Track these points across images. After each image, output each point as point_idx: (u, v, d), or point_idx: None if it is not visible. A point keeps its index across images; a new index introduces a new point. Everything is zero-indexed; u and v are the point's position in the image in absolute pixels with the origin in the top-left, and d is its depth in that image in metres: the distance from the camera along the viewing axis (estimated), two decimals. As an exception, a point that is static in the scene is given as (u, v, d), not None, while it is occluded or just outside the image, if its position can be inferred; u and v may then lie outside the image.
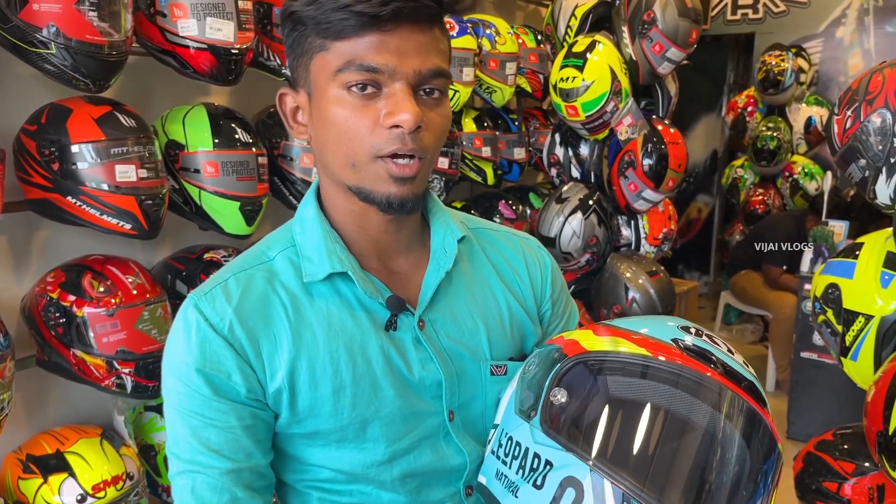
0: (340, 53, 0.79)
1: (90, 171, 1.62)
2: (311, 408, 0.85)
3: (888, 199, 1.68)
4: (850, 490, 1.80)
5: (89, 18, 1.52)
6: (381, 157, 0.80)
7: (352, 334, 0.86)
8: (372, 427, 0.87)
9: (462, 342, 0.92)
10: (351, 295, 0.88)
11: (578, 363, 0.79)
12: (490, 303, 0.95)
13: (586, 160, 2.99)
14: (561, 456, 0.75)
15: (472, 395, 0.92)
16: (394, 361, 0.87)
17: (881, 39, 4.97)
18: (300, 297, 0.87)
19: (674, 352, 0.77)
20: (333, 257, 0.86)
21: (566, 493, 0.73)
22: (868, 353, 1.72)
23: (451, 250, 0.92)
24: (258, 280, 0.87)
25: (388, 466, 0.89)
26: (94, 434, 1.77)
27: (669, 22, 2.65)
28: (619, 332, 0.82)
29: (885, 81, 1.66)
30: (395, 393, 0.87)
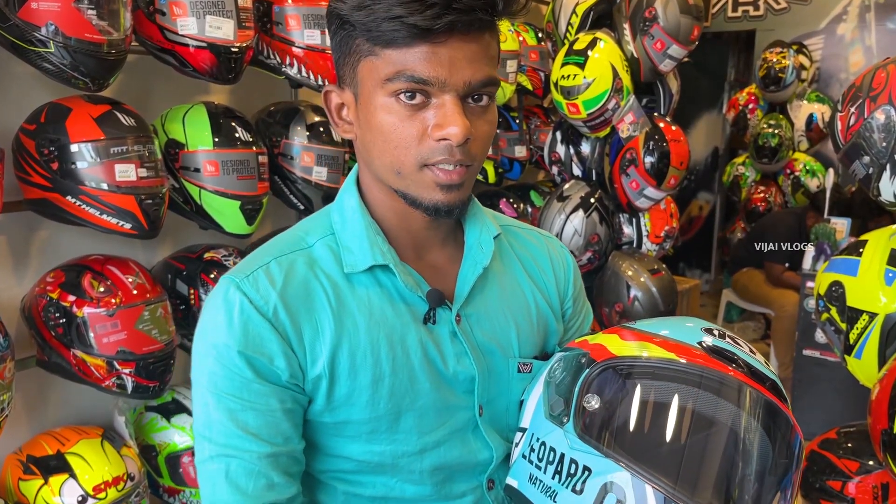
0: (390, 62, 0.78)
1: (90, 171, 1.61)
2: (348, 396, 0.85)
3: (892, 196, 1.67)
4: (854, 488, 1.79)
5: (88, 17, 1.51)
6: (427, 166, 0.81)
7: (392, 325, 0.87)
8: (406, 418, 0.88)
9: (494, 338, 0.93)
10: (391, 286, 0.88)
11: (607, 368, 0.80)
12: (520, 299, 0.97)
13: (588, 158, 2.98)
14: (599, 462, 0.76)
15: (499, 391, 0.94)
16: (431, 354, 0.88)
17: (882, 36, 4.95)
18: (341, 285, 0.87)
19: (697, 354, 0.79)
20: (375, 249, 0.87)
21: (607, 499, 0.74)
22: (872, 350, 1.71)
23: (487, 247, 0.93)
24: (300, 265, 0.86)
25: (419, 458, 0.89)
26: (95, 435, 1.77)
27: (671, 19, 2.63)
28: (644, 336, 0.83)
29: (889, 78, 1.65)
30: (431, 385, 0.88)
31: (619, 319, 2.84)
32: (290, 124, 2.10)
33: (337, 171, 2.13)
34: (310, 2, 2.01)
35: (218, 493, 0.81)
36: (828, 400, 3.46)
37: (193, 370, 0.85)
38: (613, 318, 2.86)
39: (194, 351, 0.85)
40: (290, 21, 1.99)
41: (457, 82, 0.78)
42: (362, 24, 0.78)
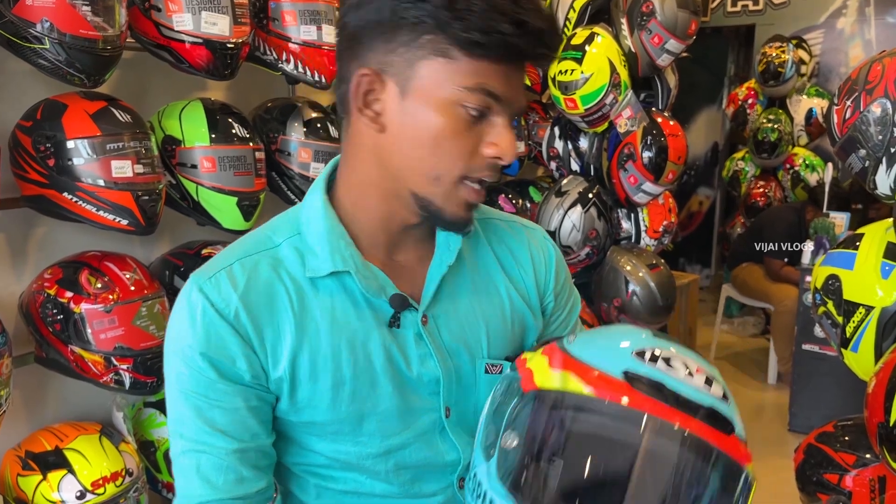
0: (472, 72, 0.77)
1: (86, 167, 1.61)
2: (309, 399, 0.85)
3: (888, 189, 1.66)
4: (851, 482, 1.79)
5: (83, 13, 1.51)
6: (467, 179, 0.81)
7: (355, 330, 0.86)
8: (368, 422, 0.87)
9: (462, 338, 0.91)
10: (356, 290, 0.86)
11: (531, 401, 0.74)
12: (493, 297, 0.95)
13: (586, 153, 2.98)
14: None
15: (466, 392, 0.92)
16: (394, 358, 0.87)
17: (882, 30, 4.94)
18: (305, 288, 0.85)
19: (619, 385, 0.70)
20: (336, 255, 0.85)
21: None
22: (869, 344, 1.71)
23: (454, 244, 0.91)
24: (263, 267, 0.85)
25: (383, 459, 0.89)
26: (93, 430, 1.77)
27: (668, 13, 2.63)
28: (571, 363, 0.74)
29: (885, 71, 1.65)
30: (394, 390, 0.87)
31: (618, 315, 2.85)
32: (287, 120, 2.10)
33: (334, 166, 2.13)
34: (306, -3, 2.01)
35: (190, 486, 0.83)
36: (828, 394, 3.46)
37: (165, 369, 0.86)
38: (612, 314, 2.87)
39: (165, 350, 0.86)
40: (287, 17, 1.99)
41: (518, 106, 0.82)
42: (449, 25, 0.75)
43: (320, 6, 2.02)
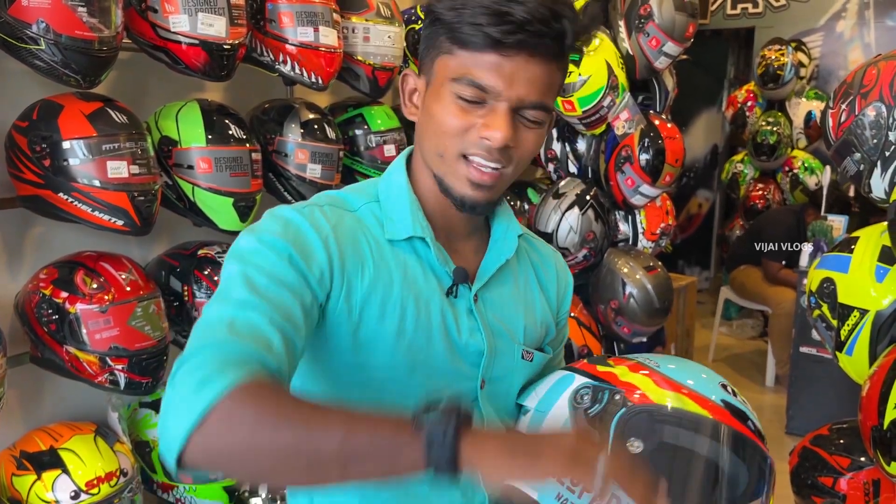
0: (461, 63, 0.87)
1: (82, 168, 1.62)
2: (371, 339, 0.92)
3: (883, 192, 1.67)
4: (845, 485, 1.79)
5: (79, 14, 1.51)
6: (465, 157, 0.90)
7: (421, 289, 0.95)
8: (417, 374, 0.95)
9: (504, 323, 1.01)
10: (424, 257, 0.97)
11: (644, 412, 0.90)
12: (530, 298, 1.07)
13: (583, 155, 2.98)
14: None
15: (504, 372, 1.02)
16: (448, 323, 0.96)
17: (882, 33, 4.95)
18: (383, 244, 0.95)
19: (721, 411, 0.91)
20: (416, 223, 0.96)
21: None
22: (863, 347, 1.71)
23: (511, 242, 1.03)
24: (348, 218, 0.94)
25: None
26: (88, 430, 1.77)
27: (666, 16, 2.63)
28: (675, 385, 0.93)
29: (880, 74, 1.65)
30: (444, 350, 0.96)
31: (615, 316, 2.85)
32: (284, 121, 2.10)
33: (331, 168, 2.14)
34: (303, -1, 2.01)
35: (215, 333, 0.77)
36: (825, 397, 3.46)
37: (229, 256, 0.87)
38: (609, 316, 2.87)
39: (234, 246, 0.88)
40: (284, 18, 1.99)
41: (511, 96, 0.87)
42: (448, 24, 0.87)
43: (317, 8, 2.02)
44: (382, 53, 2.26)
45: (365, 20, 2.22)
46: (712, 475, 0.88)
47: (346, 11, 2.19)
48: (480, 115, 0.88)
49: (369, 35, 2.23)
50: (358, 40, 2.22)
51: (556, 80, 0.91)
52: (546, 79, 0.88)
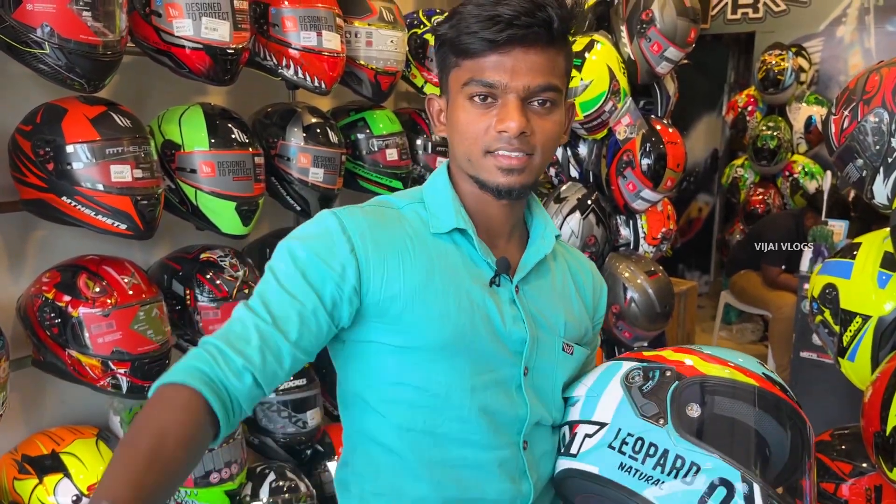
0: (468, 70, 0.97)
1: (85, 172, 1.62)
2: (416, 322, 0.99)
3: (885, 198, 1.67)
4: (847, 491, 1.79)
5: (84, 18, 1.52)
6: (489, 152, 0.98)
7: (463, 278, 1.03)
8: (462, 355, 1.01)
9: (544, 315, 1.08)
10: (466, 250, 1.05)
11: (698, 384, 0.98)
12: (567, 295, 1.14)
13: (585, 160, 2.98)
14: (706, 459, 0.92)
15: (545, 362, 1.08)
16: (491, 310, 1.03)
17: (882, 38, 4.95)
18: (425, 237, 1.04)
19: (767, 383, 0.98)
20: (459, 217, 1.04)
21: (717, 491, 0.90)
22: (865, 353, 1.71)
23: (549, 240, 1.11)
24: (390, 214, 1.05)
25: (470, 395, 1.01)
26: (90, 434, 1.77)
27: (668, 21, 2.64)
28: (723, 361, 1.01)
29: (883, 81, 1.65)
30: (487, 335, 1.02)
31: (616, 321, 2.85)
32: (286, 125, 2.10)
33: (333, 172, 2.14)
34: (306, 4, 2.01)
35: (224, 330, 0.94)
36: (825, 402, 3.46)
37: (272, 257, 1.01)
38: (610, 320, 2.87)
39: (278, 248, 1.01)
40: (287, 23, 2.00)
41: (517, 86, 0.95)
42: (450, 40, 0.98)
43: (320, 12, 2.02)
44: (385, 58, 2.26)
45: (368, 25, 2.22)
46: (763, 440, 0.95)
47: (349, 16, 2.19)
48: (495, 114, 0.97)
49: (372, 39, 2.23)
50: (361, 45, 2.22)
51: (559, 62, 0.99)
52: (547, 63, 0.97)
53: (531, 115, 0.97)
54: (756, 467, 0.92)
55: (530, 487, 1.06)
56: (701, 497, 0.90)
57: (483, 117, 0.98)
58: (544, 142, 0.99)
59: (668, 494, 0.92)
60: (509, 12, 0.93)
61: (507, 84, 0.95)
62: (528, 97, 0.97)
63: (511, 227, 1.09)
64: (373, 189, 2.37)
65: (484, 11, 0.94)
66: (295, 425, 2.16)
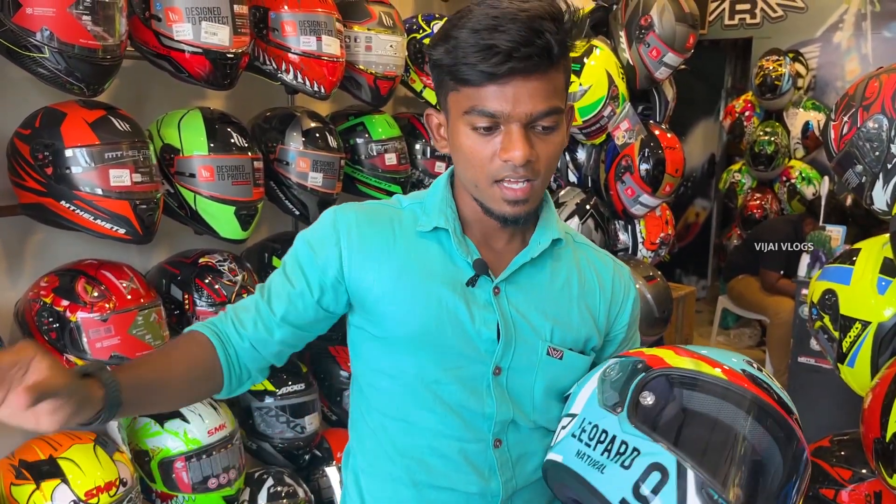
0: (468, 97, 0.96)
1: (84, 176, 1.61)
2: (390, 313, 1.05)
3: (885, 204, 1.67)
4: (847, 497, 1.79)
5: (83, 23, 1.51)
6: (496, 181, 0.99)
7: (439, 275, 1.06)
8: (425, 349, 1.06)
9: (527, 317, 1.08)
10: (448, 249, 1.08)
11: (663, 375, 0.98)
12: (563, 301, 1.12)
13: (583, 165, 2.99)
14: (648, 445, 0.93)
15: (523, 363, 1.08)
16: (460, 309, 1.05)
17: (878, 44, 4.97)
18: (410, 235, 1.08)
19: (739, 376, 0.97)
20: (441, 217, 1.07)
21: (651, 476, 0.91)
22: (865, 359, 1.71)
23: (543, 244, 1.10)
24: (384, 212, 1.11)
25: (434, 387, 1.06)
26: (88, 440, 1.76)
27: (666, 27, 2.65)
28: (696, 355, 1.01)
29: (882, 87, 1.66)
30: (454, 333, 1.05)
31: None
32: (286, 130, 2.10)
33: (333, 176, 2.14)
34: (306, 8, 2.01)
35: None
36: (823, 407, 3.46)
37: None
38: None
39: None
40: (287, 27, 2.00)
41: (519, 115, 0.95)
42: (447, 67, 0.96)
43: (320, 17, 2.02)
44: (384, 63, 2.26)
45: (367, 29, 2.22)
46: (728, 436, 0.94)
47: (348, 20, 2.19)
48: (498, 141, 0.97)
49: (371, 44, 2.23)
50: (360, 49, 2.22)
51: (559, 82, 0.98)
52: (548, 86, 0.95)
53: (535, 140, 0.97)
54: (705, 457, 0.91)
55: (499, 486, 1.08)
56: (636, 482, 0.91)
57: (487, 144, 0.97)
58: (548, 163, 1.00)
59: (607, 478, 0.94)
60: (507, 43, 0.91)
61: (510, 113, 0.94)
62: (530, 123, 0.96)
63: (511, 232, 1.10)
64: (371, 193, 2.37)
65: (481, 40, 0.92)
66: (293, 430, 2.15)
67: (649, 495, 0.90)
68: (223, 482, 1.94)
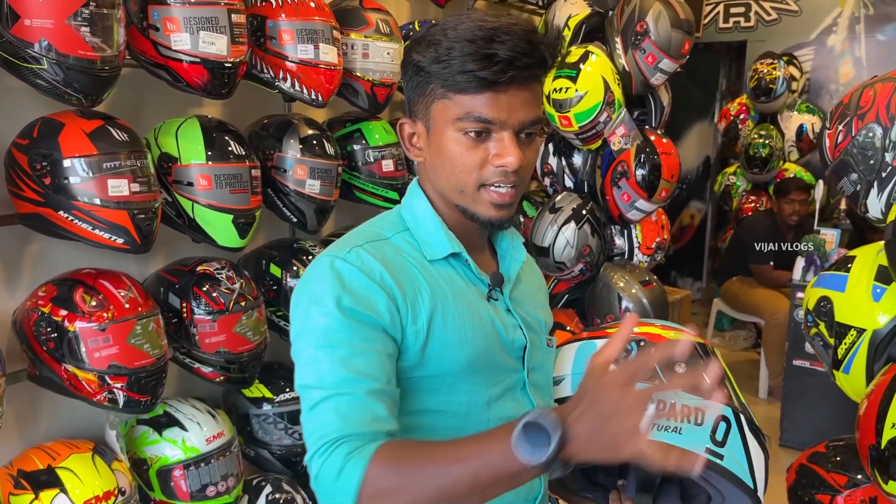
0: (461, 105, 0.97)
1: (82, 186, 1.61)
2: (439, 351, 1.01)
3: (879, 212, 1.69)
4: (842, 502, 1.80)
5: (81, 34, 1.51)
6: (484, 186, 1.00)
7: (469, 297, 1.06)
8: (480, 372, 1.05)
9: (531, 317, 1.14)
10: (461, 271, 1.08)
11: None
12: (539, 296, 1.21)
13: (579, 170, 3.00)
14: (706, 403, 1.06)
15: (540, 359, 1.14)
16: (496, 324, 1.07)
17: (872, 48, 5.00)
18: (427, 265, 1.05)
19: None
20: (452, 241, 1.06)
21: (720, 426, 1.07)
22: (860, 366, 1.72)
23: (519, 249, 1.16)
24: (388, 248, 1.03)
25: (486, 408, 1.06)
26: (86, 449, 1.76)
27: (662, 33, 2.66)
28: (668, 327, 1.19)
29: (877, 96, 1.67)
30: (497, 349, 1.06)
31: (611, 331, 2.85)
32: (283, 137, 2.10)
33: (330, 183, 2.14)
34: (303, 17, 2.01)
35: (328, 426, 0.90)
36: (818, 410, 3.48)
37: (297, 332, 0.98)
38: (605, 330, 2.88)
39: (298, 315, 0.98)
40: (284, 36, 2.00)
41: (513, 122, 0.98)
42: (438, 75, 0.97)
43: (317, 25, 2.03)
44: (381, 70, 2.26)
45: (364, 37, 2.23)
46: None
47: (345, 28, 2.19)
48: (490, 147, 0.99)
49: (368, 51, 2.24)
50: (357, 56, 2.23)
51: (540, 93, 1.03)
52: (534, 97, 1.00)
53: (520, 148, 0.99)
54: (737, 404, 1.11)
55: (540, 483, 1.12)
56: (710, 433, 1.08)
57: (477, 150, 0.99)
58: (529, 172, 1.04)
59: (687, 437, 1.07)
60: (507, 53, 0.93)
61: (505, 121, 0.97)
62: (519, 131, 0.99)
63: (483, 242, 1.15)
64: (369, 200, 2.37)
65: (479, 49, 0.93)
66: (291, 437, 2.15)
67: (724, 440, 1.06)
68: (221, 490, 1.94)
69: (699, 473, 0.82)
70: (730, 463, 1.07)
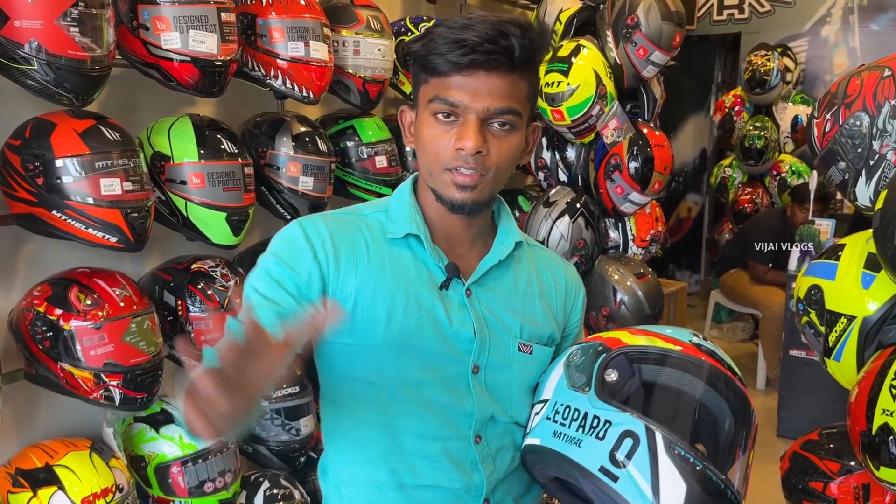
0: (434, 87, 1.03)
1: (75, 185, 1.62)
2: (363, 323, 1.06)
3: (868, 200, 1.69)
4: (836, 489, 1.81)
5: (71, 34, 1.52)
6: (448, 169, 1.04)
7: (413, 281, 1.09)
8: (408, 353, 1.08)
9: (498, 318, 1.13)
10: (419, 255, 1.11)
11: (623, 353, 1.07)
12: (528, 300, 1.18)
13: (573, 163, 3.00)
14: (618, 416, 1.00)
15: (498, 361, 1.13)
16: (438, 312, 1.09)
17: (866, 38, 5.00)
18: (381, 243, 1.10)
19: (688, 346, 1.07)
20: (412, 223, 1.10)
21: (624, 442, 0.98)
22: (851, 353, 1.73)
23: (507, 247, 1.16)
24: (350, 221, 1.12)
25: (417, 390, 1.09)
26: (83, 447, 1.77)
27: (653, 26, 2.66)
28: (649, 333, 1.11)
29: (863, 84, 1.67)
30: (434, 334, 1.09)
31: (606, 323, 2.87)
32: (276, 135, 2.11)
33: (323, 180, 2.15)
34: (293, 14, 2.02)
35: None
36: (815, 399, 3.49)
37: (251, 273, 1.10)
38: (601, 322, 2.89)
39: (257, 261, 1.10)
40: (275, 33, 2.01)
41: (477, 108, 1.01)
42: (421, 58, 1.04)
43: (308, 23, 2.03)
44: (373, 66, 2.27)
45: (355, 34, 2.23)
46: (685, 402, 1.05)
47: (336, 25, 2.20)
48: (455, 131, 1.03)
49: (359, 48, 2.24)
50: (348, 53, 2.24)
51: (520, 88, 1.04)
52: (508, 88, 1.02)
53: (489, 136, 1.03)
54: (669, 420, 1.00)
55: (482, 479, 1.12)
56: (611, 450, 0.99)
57: (445, 134, 1.03)
58: (499, 162, 1.05)
59: (584, 451, 1.01)
60: (474, 38, 0.99)
61: (468, 105, 1.01)
62: (487, 118, 1.02)
63: (473, 236, 1.15)
64: (363, 196, 2.38)
65: (452, 34, 1.00)
66: (288, 433, 2.16)
67: (624, 459, 0.98)
68: (219, 486, 1.95)
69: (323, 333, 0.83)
70: (624, 487, 0.96)
